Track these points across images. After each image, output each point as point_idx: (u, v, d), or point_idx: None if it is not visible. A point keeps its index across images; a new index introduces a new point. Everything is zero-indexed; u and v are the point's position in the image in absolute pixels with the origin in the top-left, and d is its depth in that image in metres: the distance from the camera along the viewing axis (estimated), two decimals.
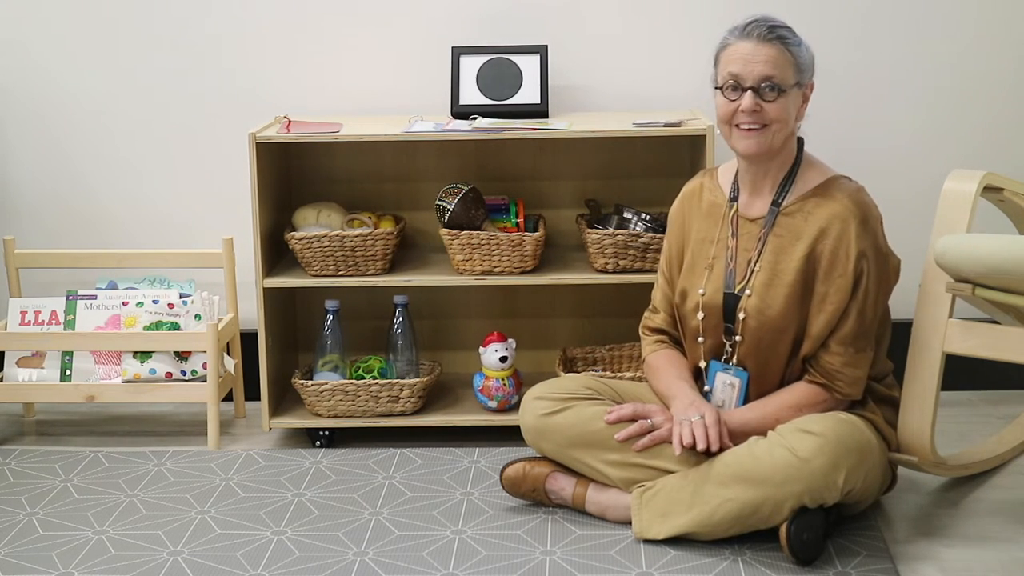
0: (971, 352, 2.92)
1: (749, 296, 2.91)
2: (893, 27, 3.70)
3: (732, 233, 2.98)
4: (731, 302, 2.94)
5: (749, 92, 2.85)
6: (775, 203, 2.93)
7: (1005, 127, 3.73)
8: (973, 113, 3.73)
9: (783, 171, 2.95)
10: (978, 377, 3.74)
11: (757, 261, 2.93)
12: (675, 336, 3.10)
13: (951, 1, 3.68)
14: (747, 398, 2.96)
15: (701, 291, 2.97)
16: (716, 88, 2.92)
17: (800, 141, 2.98)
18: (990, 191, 3.07)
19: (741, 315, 2.92)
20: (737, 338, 2.94)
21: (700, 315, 2.98)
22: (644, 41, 3.73)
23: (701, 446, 2.83)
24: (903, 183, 3.73)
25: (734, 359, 2.96)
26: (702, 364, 3.01)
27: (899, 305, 3.27)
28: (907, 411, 2.97)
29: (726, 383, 2.97)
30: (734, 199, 3.00)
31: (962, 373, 3.45)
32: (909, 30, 3.70)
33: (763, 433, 2.85)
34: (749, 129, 2.87)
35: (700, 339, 2.99)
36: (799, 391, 2.92)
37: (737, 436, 2.87)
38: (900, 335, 3.04)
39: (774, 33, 2.86)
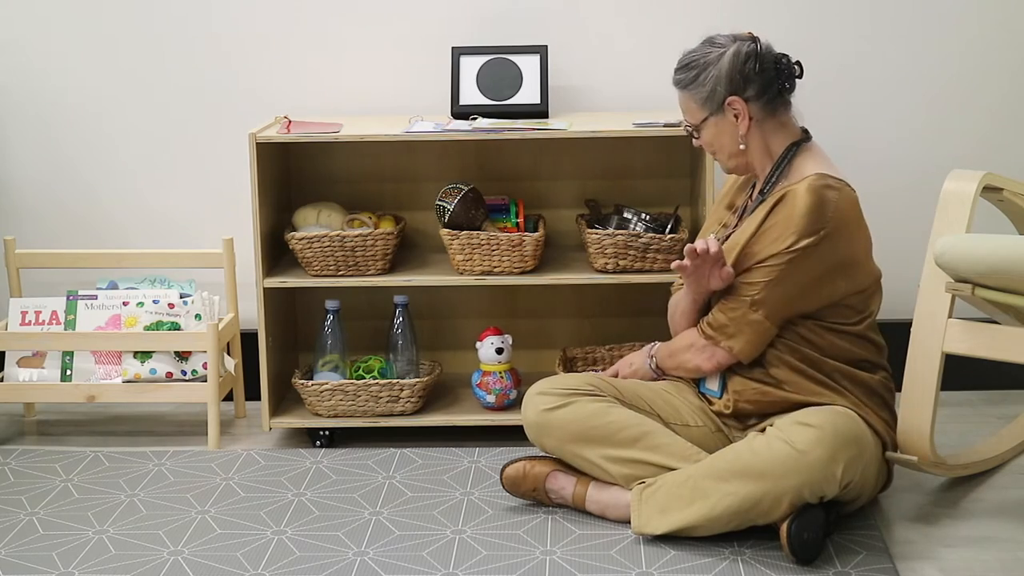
0: (971, 352, 2.92)
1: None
2: (892, 26, 3.70)
3: (738, 213, 3.06)
4: None
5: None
6: (761, 192, 2.99)
7: (1005, 127, 3.73)
8: (973, 113, 3.73)
9: (770, 163, 3.00)
10: (978, 377, 3.73)
11: (727, 238, 3.00)
12: None
13: (951, 1, 3.68)
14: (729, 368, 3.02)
15: None
16: None
17: (807, 133, 3.01)
18: (990, 191, 3.07)
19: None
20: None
21: None
22: (644, 41, 3.73)
23: (700, 247, 2.90)
24: (903, 183, 3.73)
25: None
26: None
27: (899, 305, 3.29)
28: (907, 411, 2.97)
29: None
30: (754, 186, 3.07)
31: (962, 373, 3.45)
32: (909, 29, 3.70)
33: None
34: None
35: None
36: (689, 333, 3.05)
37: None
38: (900, 335, 3.04)
39: (674, 79, 3.02)
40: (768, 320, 2.92)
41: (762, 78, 2.93)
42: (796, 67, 2.97)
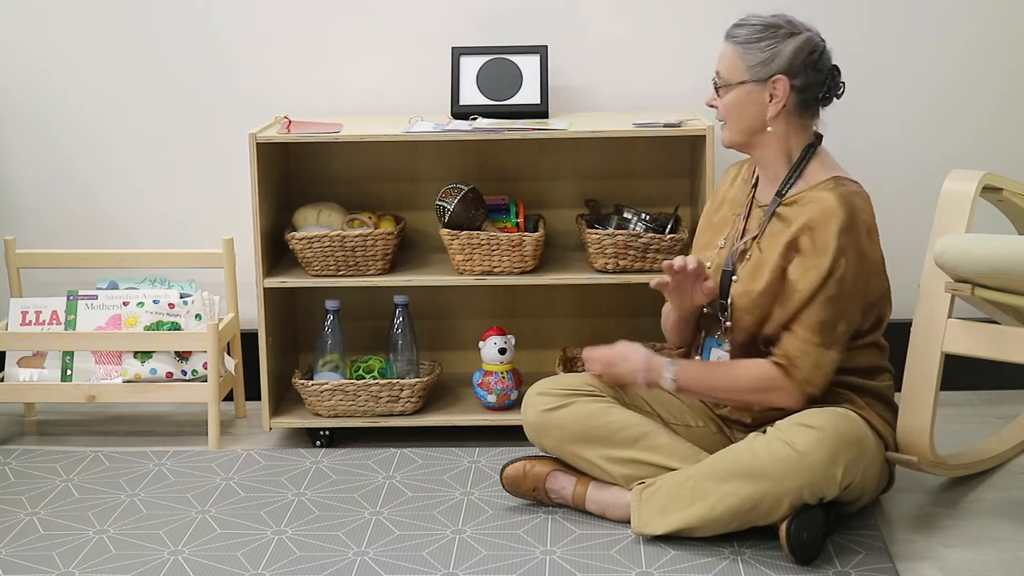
0: (971, 352, 2.92)
1: (736, 280, 2.95)
2: (892, 26, 3.70)
3: (744, 216, 3.02)
4: (725, 282, 2.97)
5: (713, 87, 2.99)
6: (778, 193, 2.96)
7: (1004, 127, 3.73)
8: (972, 113, 3.73)
9: (784, 165, 2.97)
10: (978, 377, 3.74)
11: (749, 250, 2.96)
12: None
13: (950, 1, 3.69)
14: None
15: (708, 264, 3.01)
16: None
17: (818, 137, 3.00)
18: (989, 191, 3.07)
19: (729, 298, 2.95)
20: (727, 317, 2.97)
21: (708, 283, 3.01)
22: (644, 41, 3.73)
23: (678, 264, 2.90)
24: (903, 183, 3.73)
25: (726, 336, 2.99)
26: (703, 334, 3.06)
27: (899, 305, 3.27)
28: (907, 411, 2.97)
29: (718, 359, 3.01)
30: (755, 186, 3.05)
31: (962, 373, 3.45)
32: (908, 29, 3.70)
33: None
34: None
35: (705, 309, 3.03)
36: (759, 369, 2.90)
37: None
38: (900, 335, 3.04)
39: (731, 30, 2.95)
40: (840, 351, 2.89)
41: (815, 76, 2.92)
42: (842, 84, 2.97)
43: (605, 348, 3.06)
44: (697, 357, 3.05)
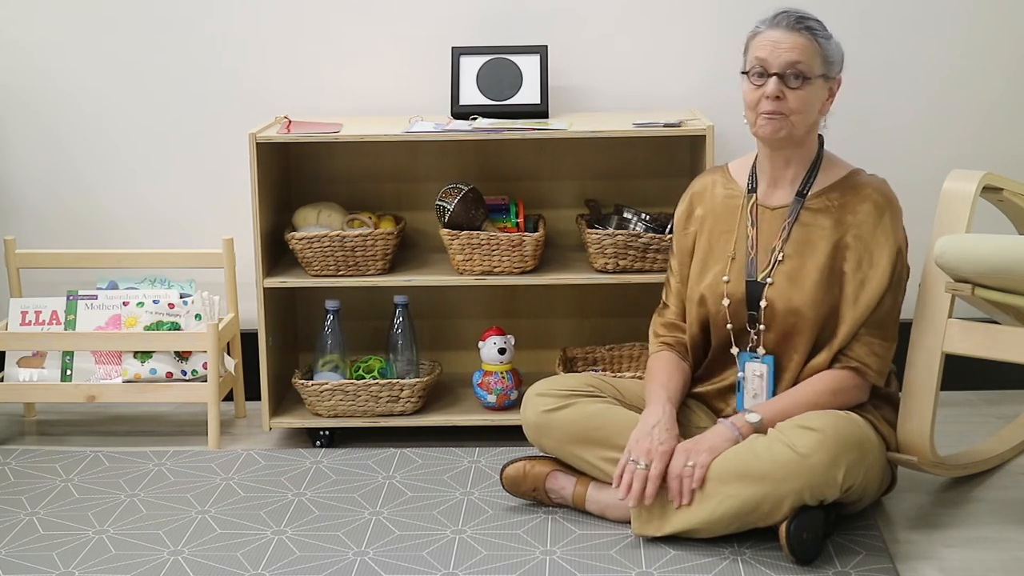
0: (971, 352, 2.92)
1: (771, 284, 2.94)
2: (891, 26, 3.70)
3: (752, 223, 3.00)
4: (753, 290, 2.96)
5: (774, 78, 2.88)
6: (800, 194, 2.96)
7: (1004, 127, 3.73)
8: (973, 113, 3.73)
9: (806, 163, 2.98)
10: (978, 377, 3.74)
11: (780, 250, 2.95)
12: (683, 336, 3.10)
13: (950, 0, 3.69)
14: (775, 385, 2.97)
15: (725, 278, 2.99)
16: (743, 73, 2.95)
17: (820, 138, 3.01)
18: (989, 191, 3.07)
19: (763, 303, 2.94)
20: (761, 326, 2.95)
21: (726, 302, 2.99)
22: (644, 41, 3.73)
23: (631, 503, 2.84)
24: (902, 183, 3.72)
25: (760, 347, 2.97)
26: (734, 351, 3.02)
27: None
28: (907, 411, 2.97)
29: (755, 373, 2.99)
30: (752, 190, 3.02)
31: (962, 373, 3.45)
32: (908, 29, 3.70)
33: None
34: (771, 116, 2.89)
35: (728, 325, 3.00)
36: (833, 377, 2.92)
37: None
38: (900, 335, 3.04)
39: (803, 23, 2.91)
40: (896, 336, 2.97)
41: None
42: None
43: (692, 443, 2.89)
44: (740, 374, 3.01)
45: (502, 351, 3.51)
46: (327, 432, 3.52)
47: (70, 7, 3.78)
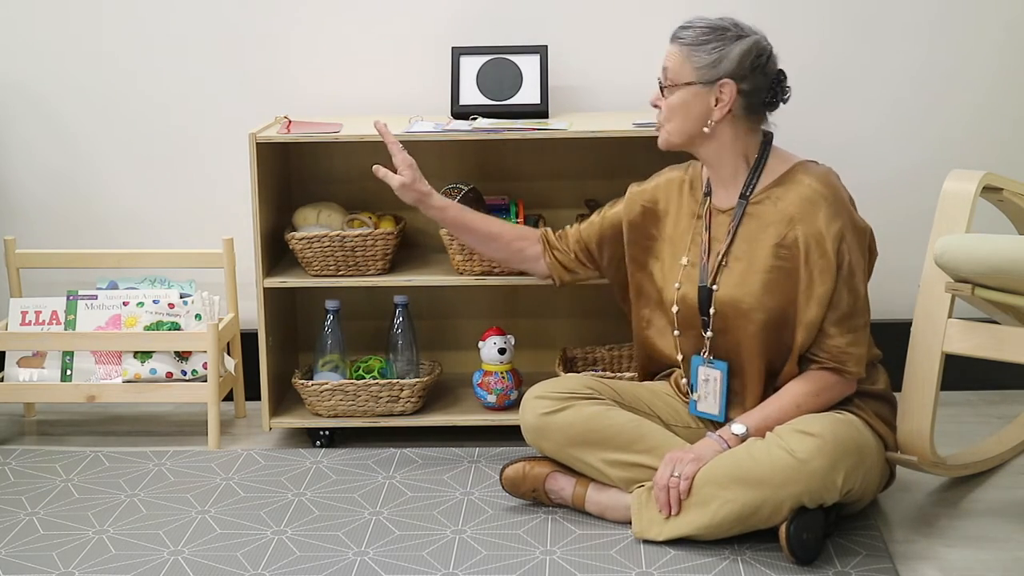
0: (971, 352, 2.92)
1: (717, 290, 2.93)
2: (891, 25, 3.70)
3: (706, 227, 2.99)
4: (704, 296, 2.96)
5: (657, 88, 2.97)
6: (743, 196, 2.94)
7: (1004, 127, 3.73)
8: (972, 113, 3.73)
9: (745, 166, 2.95)
10: (978, 377, 3.73)
11: (725, 255, 2.94)
12: (560, 253, 3.25)
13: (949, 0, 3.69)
14: (729, 389, 2.97)
15: (677, 285, 2.99)
16: None
17: (768, 135, 2.98)
18: (989, 191, 3.07)
19: (712, 309, 2.94)
20: (709, 332, 2.95)
21: (675, 308, 3.00)
22: (644, 41, 3.73)
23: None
24: (902, 182, 3.73)
25: (709, 352, 2.98)
26: (679, 357, 3.03)
27: (899, 305, 3.29)
28: (907, 411, 2.97)
29: (707, 377, 2.98)
30: (708, 193, 3.02)
31: (962, 373, 3.45)
32: (908, 29, 3.70)
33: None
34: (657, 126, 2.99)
35: (676, 332, 3.02)
36: (812, 379, 2.91)
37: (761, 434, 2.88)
38: (900, 335, 3.04)
39: (679, 32, 2.93)
40: (868, 320, 2.92)
41: (762, 80, 2.89)
42: (788, 89, 2.94)
43: (681, 453, 2.90)
44: (683, 381, 3.05)
45: (502, 351, 3.51)
46: (327, 432, 3.52)
47: (70, 8, 3.78)
